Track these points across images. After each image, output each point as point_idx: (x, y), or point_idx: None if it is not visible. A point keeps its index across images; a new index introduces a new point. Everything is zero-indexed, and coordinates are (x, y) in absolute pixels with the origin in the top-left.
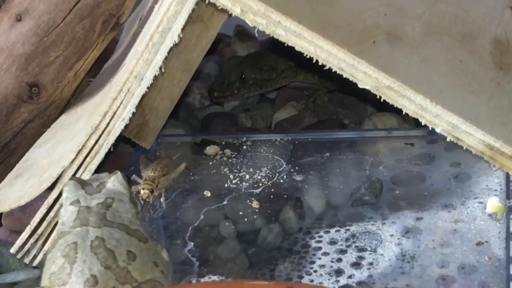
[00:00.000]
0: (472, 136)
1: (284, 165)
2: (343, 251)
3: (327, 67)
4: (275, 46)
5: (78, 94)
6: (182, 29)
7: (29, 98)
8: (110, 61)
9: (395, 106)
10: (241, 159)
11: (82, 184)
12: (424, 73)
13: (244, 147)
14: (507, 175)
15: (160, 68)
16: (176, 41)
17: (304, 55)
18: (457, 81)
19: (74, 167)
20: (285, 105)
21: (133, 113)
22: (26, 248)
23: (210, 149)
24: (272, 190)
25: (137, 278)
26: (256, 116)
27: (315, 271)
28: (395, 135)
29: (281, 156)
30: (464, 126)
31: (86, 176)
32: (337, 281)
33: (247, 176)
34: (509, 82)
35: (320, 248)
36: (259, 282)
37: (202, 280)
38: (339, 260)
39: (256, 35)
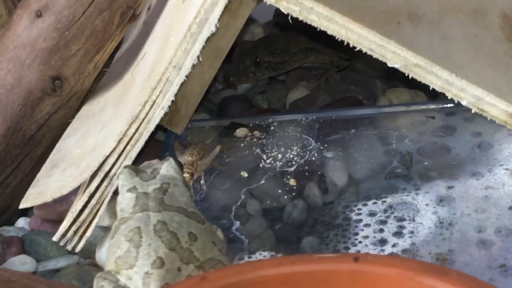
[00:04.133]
0: (495, 107)
1: (313, 143)
2: (383, 222)
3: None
4: (280, 28)
5: (95, 85)
6: (219, 19)
7: (53, 91)
8: (121, 51)
9: (422, 82)
10: (271, 139)
11: (136, 171)
12: (446, 50)
13: (272, 128)
14: None
15: (198, 57)
16: (213, 31)
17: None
18: (476, 55)
19: (115, 155)
20: (296, 85)
21: None
22: (68, 235)
23: (240, 132)
24: (306, 167)
25: (199, 258)
26: (271, 98)
27: (360, 242)
28: (414, 109)
29: (308, 135)
30: (488, 98)
31: (126, 163)
32: (383, 250)
33: (280, 156)
34: None
35: (361, 220)
36: (327, 254)
37: (253, 256)
38: (381, 230)
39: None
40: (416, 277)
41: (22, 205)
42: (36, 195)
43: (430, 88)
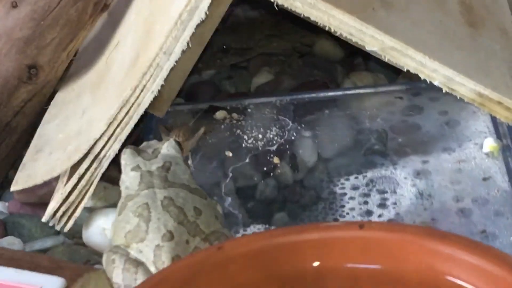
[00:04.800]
0: (464, 86)
1: (291, 124)
2: (366, 195)
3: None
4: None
5: (65, 73)
6: (208, 7)
7: (28, 79)
8: (87, 40)
9: (399, 64)
10: (250, 121)
11: (138, 151)
12: (417, 34)
13: (249, 110)
14: (494, 118)
15: (188, 43)
16: (203, 18)
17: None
18: (443, 39)
19: (105, 138)
20: (259, 71)
21: None
22: (57, 216)
23: (219, 114)
24: (287, 146)
25: (204, 231)
26: (238, 83)
27: (347, 214)
28: (381, 90)
29: (285, 116)
30: (458, 78)
31: (116, 146)
32: (370, 221)
33: (260, 136)
34: (480, 36)
35: (345, 193)
36: (333, 223)
37: (248, 229)
38: (366, 202)
39: None
40: (418, 241)
41: (13, 188)
42: (26, 178)
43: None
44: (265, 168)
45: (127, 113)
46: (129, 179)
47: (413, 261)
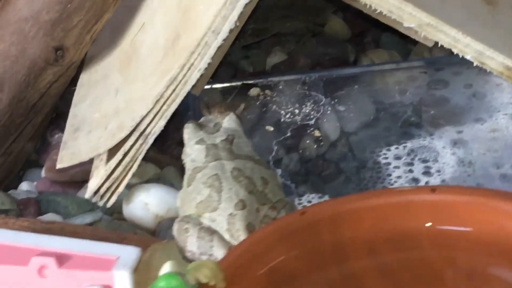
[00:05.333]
0: (494, 60)
1: (324, 99)
2: (410, 164)
3: None
4: None
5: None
6: None
7: (55, 61)
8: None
9: (434, 39)
10: (283, 97)
11: (200, 126)
12: (449, 11)
13: (280, 87)
14: None
15: (235, 23)
16: None
17: None
18: (470, 16)
19: (151, 115)
20: (272, 51)
21: None
22: (101, 192)
23: (253, 91)
24: (324, 120)
25: (271, 199)
26: (255, 62)
27: (395, 182)
28: (403, 66)
29: (317, 92)
30: (488, 53)
31: (162, 122)
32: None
33: (296, 111)
34: (498, 14)
35: (389, 163)
36: (406, 187)
37: (303, 198)
38: (411, 171)
39: None
40: (488, 202)
41: (59, 166)
42: (70, 156)
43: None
44: (308, 141)
45: (173, 91)
46: (194, 152)
47: (485, 221)
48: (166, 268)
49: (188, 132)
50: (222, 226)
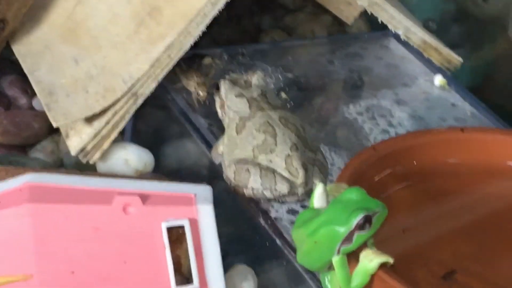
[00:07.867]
0: (416, 35)
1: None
2: (373, 118)
3: None
4: None
5: None
6: None
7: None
8: None
9: (377, 16)
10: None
11: (234, 82)
12: None
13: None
14: (426, 62)
15: None
16: None
17: None
18: (396, 3)
19: (145, 78)
20: None
21: None
22: (88, 149)
23: (207, 60)
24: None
25: (309, 143)
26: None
27: (370, 134)
28: (316, 42)
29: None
30: (413, 28)
31: (154, 85)
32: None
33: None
34: None
35: (356, 118)
36: (439, 129)
37: None
38: (377, 124)
39: None
40: (510, 139)
41: (56, 124)
42: (63, 116)
43: None
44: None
45: (169, 56)
46: (235, 104)
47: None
48: (320, 188)
49: (226, 87)
50: (280, 165)
